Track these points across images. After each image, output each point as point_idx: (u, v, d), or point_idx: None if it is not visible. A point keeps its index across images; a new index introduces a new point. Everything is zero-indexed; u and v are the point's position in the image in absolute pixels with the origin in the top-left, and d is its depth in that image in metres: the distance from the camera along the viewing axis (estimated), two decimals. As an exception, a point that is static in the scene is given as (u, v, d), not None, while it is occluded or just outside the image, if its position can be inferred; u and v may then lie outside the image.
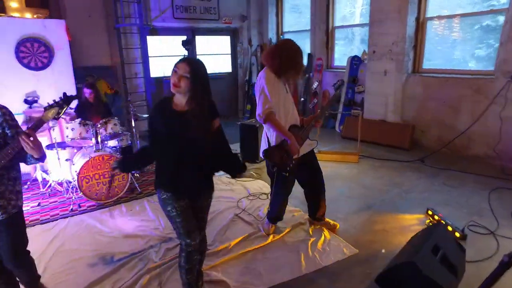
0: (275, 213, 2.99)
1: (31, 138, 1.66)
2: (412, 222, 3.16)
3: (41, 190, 3.86)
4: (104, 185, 3.58)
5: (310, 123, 2.73)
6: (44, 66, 4.37)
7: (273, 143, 2.63)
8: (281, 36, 7.77)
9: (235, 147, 5.35)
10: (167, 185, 1.91)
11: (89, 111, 4.04)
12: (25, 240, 1.99)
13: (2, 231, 1.84)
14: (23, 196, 2.00)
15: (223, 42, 8.12)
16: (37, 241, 2.92)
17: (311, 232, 3.00)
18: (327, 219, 3.10)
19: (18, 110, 4.10)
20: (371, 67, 5.84)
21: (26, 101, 4.26)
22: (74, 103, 4.05)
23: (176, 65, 1.78)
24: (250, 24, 7.81)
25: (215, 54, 8.01)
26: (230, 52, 8.19)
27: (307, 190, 3.02)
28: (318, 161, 2.96)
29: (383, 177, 4.28)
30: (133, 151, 4.40)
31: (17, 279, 2.09)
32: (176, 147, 1.85)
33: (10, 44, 4.15)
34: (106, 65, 6.14)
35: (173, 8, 6.69)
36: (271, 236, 2.94)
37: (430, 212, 3.21)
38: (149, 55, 6.87)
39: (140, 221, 3.27)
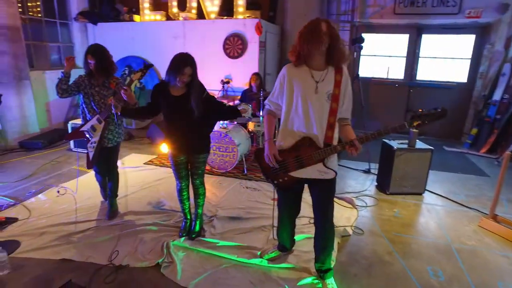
0: (277, 237, 2.52)
1: (128, 91, 2.55)
2: None
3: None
4: (219, 157, 4.26)
5: (337, 146, 1.98)
6: (238, 56, 5.52)
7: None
8: None
9: (373, 168, 4.40)
10: (169, 144, 2.66)
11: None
12: (116, 161, 3.13)
13: (109, 152, 3.02)
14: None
15: (461, 43, 6.22)
16: (160, 178, 4.10)
17: (300, 283, 2.27)
18: (327, 282, 2.22)
19: (215, 87, 5.56)
20: None
21: (221, 82, 5.62)
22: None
23: (183, 70, 2.37)
24: (513, 18, 5.50)
25: (446, 57, 6.34)
26: (470, 57, 6.18)
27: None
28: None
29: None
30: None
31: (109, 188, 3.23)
32: (175, 121, 2.58)
33: (221, 38, 5.57)
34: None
35: (395, 2, 5.95)
36: (259, 259, 2.51)
37: None
38: (362, 53, 6.64)
39: (211, 194, 3.66)
